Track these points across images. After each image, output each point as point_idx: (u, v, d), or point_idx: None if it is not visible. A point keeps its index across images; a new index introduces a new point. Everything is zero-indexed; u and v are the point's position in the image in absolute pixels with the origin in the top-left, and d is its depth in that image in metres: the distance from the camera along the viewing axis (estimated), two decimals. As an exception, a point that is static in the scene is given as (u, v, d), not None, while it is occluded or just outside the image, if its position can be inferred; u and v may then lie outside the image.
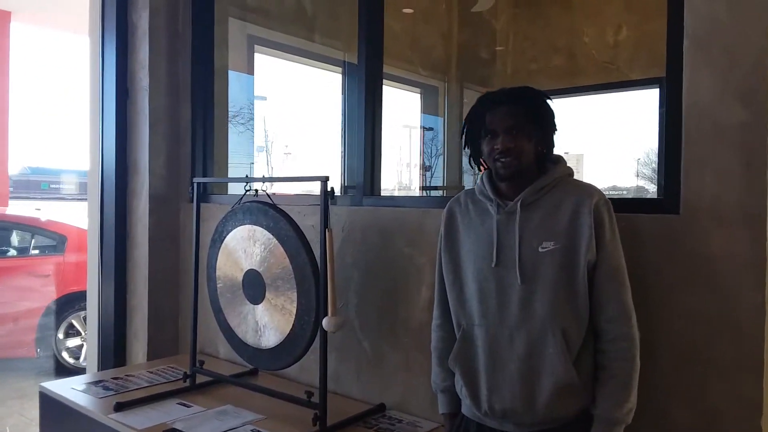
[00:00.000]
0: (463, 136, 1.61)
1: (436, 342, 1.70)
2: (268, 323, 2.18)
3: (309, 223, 2.39)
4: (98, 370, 3.06)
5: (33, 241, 5.12)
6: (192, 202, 2.48)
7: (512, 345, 1.47)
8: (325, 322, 1.92)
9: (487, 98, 1.54)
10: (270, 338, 2.17)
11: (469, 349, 1.55)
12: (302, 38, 4.21)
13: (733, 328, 1.53)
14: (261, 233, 2.17)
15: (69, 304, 4.88)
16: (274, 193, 2.26)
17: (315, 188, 2.04)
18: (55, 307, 4.83)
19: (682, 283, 1.60)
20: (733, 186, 1.52)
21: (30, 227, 5.20)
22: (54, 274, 4.94)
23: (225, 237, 2.31)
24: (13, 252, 5.30)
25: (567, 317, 1.44)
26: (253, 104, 4.10)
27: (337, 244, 2.36)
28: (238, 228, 2.25)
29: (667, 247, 1.62)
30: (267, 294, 2.17)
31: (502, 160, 1.48)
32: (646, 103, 4.90)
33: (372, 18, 2.36)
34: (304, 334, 2.06)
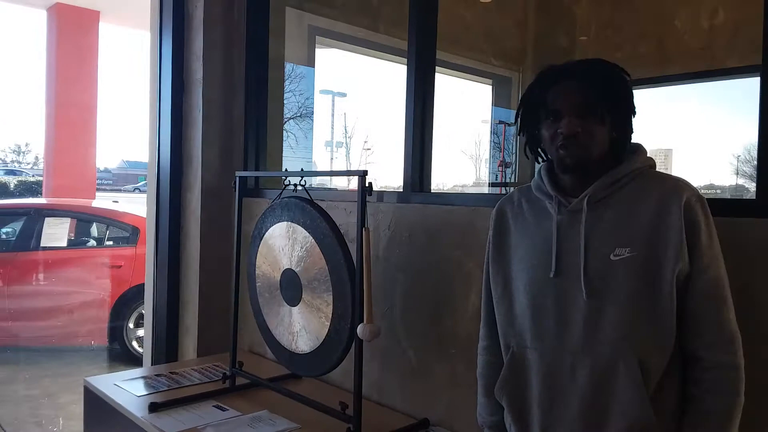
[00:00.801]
0: (518, 118, 1.33)
1: (482, 368, 1.44)
2: (304, 327, 2.04)
3: (353, 220, 2.24)
4: (151, 364, 3.05)
5: (108, 232, 5.30)
6: (236, 196, 2.39)
7: (574, 375, 1.20)
8: (359, 329, 1.76)
9: (550, 71, 1.27)
10: (306, 343, 2.04)
11: (520, 376, 1.29)
12: (366, 28, 4.07)
13: None
14: (298, 231, 2.04)
15: (140, 294, 4.99)
16: (333, 189, 2.13)
17: (388, 183, 1.89)
18: (126, 297, 4.96)
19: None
20: None
21: (107, 219, 5.39)
22: (126, 265, 5.08)
23: (264, 233, 2.20)
24: (92, 243, 5.52)
25: (645, 342, 1.16)
26: (313, 98, 4.01)
27: (382, 243, 2.19)
28: (276, 225, 2.13)
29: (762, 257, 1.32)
30: (303, 296, 2.04)
31: (567, 146, 1.20)
32: (745, 92, 4.41)
33: (424, 2, 2.16)
34: (340, 340, 1.90)
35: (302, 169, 2.11)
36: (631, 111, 1.26)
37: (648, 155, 1.27)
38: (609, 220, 1.20)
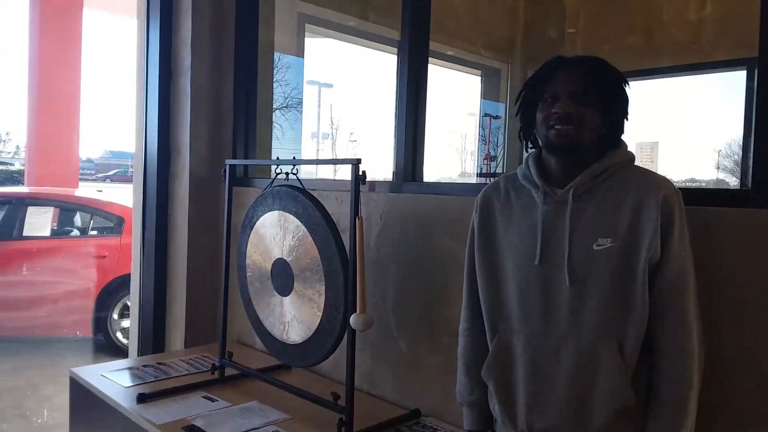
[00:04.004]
0: (519, 102, 1.37)
1: (462, 348, 1.50)
2: (295, 317, 2.03)
3: (346, 210, 2.22)
4: (138, 355, 3.01)
5: (92, 222, 5.22)
6: (225, 185, 2.35)
7: (558, 357, 1.27)
8: (352, 319, 1.74)
9: (555, 61, 1.32)
10: (297, 333, 2.02)
11: (506, 359, 1.35)
12: (355, 17, 4.02)
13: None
14: (290, 220, 2.02)
15: (124, 285, 4.93)
16: (321, 179, 2.10)
17: (377, 173, 1.87)
18: (110, 287, 4.90)
19: (771, 293, 1.32)
20: None
21: (90, 208, 5.31)
22: (111, 255, 5.01)
23: (255, 223, 2.17)
24: (75, 232, 5.43)
25: (624, 327, 1.23)
26: (302, 88, 3.97)
27: (374, 233, 2.17)
28: (267, 214, 2.11)
29: (753, 249, 1.33)
30: (295, 286, 2.02)
31: (558, 126, 1.25)
32: (730, 87, 4.44)
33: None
34: (332, 330, 1.89)
35: (294, 158, 2.09)
36: (625, 114, 1.32)
37: (628, 150, 1.32)
38: (592, 211, 1.26)
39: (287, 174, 2.06)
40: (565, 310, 1.25)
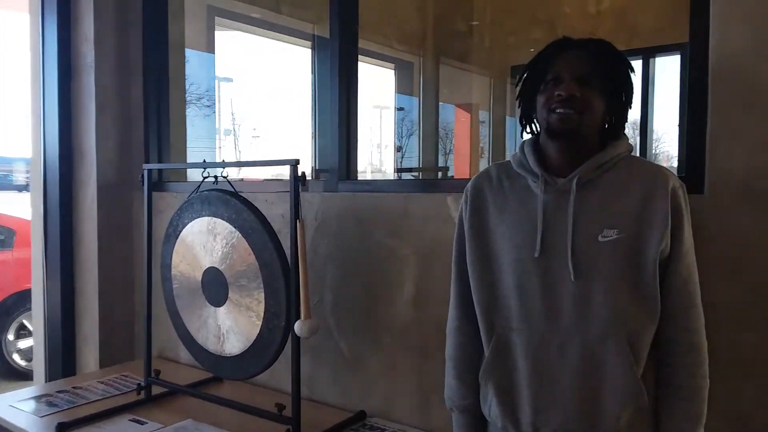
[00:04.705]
0: (520, 84, 1.29)
1: (452, 349, 1.38)
2: (231, 328, 1.92)
3: (277, 212, 2.13)
4: (46, 381, 2.75)
5: (-23, 235, 4.73)
6: (143, 191, 2.18)
7: (564, 355, 1.19)
8: (297, 326, 1.67)
9: (562, 41, 1.24)
10: (234, 345, 1.91)
11: (506, 359, 1.26)
12: (268, 9, 3.89)
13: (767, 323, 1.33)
14: (222, 226, 1.90)
15: (20, 302, 4.52)
16: (241, 180, 1.99)
17: (284, 173, 1.78)
18: (3, 306, 4.47)
19: (706, 273, 1.38)
20: (769, 161, 1.31)
21: (-26, 221, 4.81)
22: (2, 271, 4.57)
23: (180, 231, 2.03)
24: (-43, 248, 4.90)
25: (633, 321, 1.17)
26: (214, 85, 3.79)
27: (309, 234, 2.10)
28: (196, 220, 1.98)
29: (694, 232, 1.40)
30: (230, 294, 1.91)
31: (561, 110, 1.17)
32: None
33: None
34: (273, 339, 1.80)
35: (204, 161, 1.97)
36: (629, 102, 1.26)
37: (629, 141, 1.27)
38: (596, 202, 1.20)
39: (216, 177, 1.95)
40: (569, 305, 1.18)
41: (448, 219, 1.78)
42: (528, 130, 1.32)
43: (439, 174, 5.33)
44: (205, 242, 1.96)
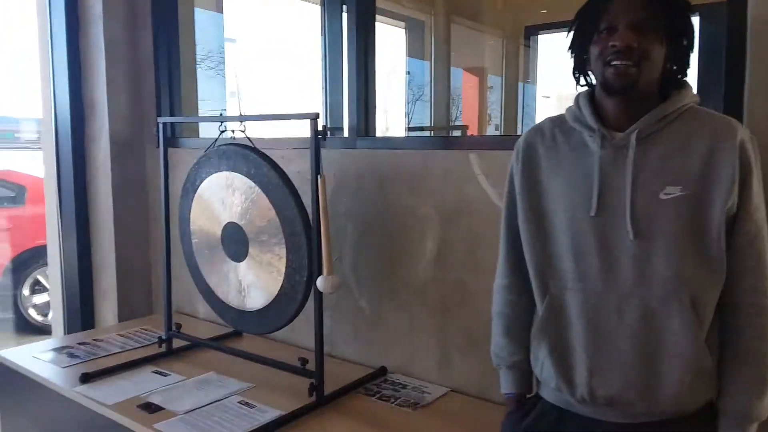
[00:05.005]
0: (571, 33, 1.21)
1: (501, 306, 1.35)
2: (253, 283, 1.93)
3: (294, 168, 2.11)
4: (65, 334, 2.79)
5: (-12, 192, 4.74)
6: (158, 145, 2.17)
7: (622, 316, 1.13)
8: (319, 282, 1.68)
9: None
10: (256, 299, 1.93)
11: (560, 319, 1.21)
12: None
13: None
14: (241, 181, 1.89)
15: (34, 258, 4.55)
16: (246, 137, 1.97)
17: (296, 131, 1.76)
18: (17, 262, 4.50)
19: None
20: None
21: (-15, 177, 4.80)
22: (15, 227, 4.59)
23: (198, 186, 2.02)
24: (-32, 204, 4.91)
25: (697, 281, 1.11)
26: (223, 46, 3.71)
27: (328, 191, 2.08)
28: (214, 175, 1.97)
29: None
30: (250, 250, 1.91)
31: (617, 62, 1.09)
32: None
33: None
34: (295, 295, 1.81)
35: (222, 114, 1.95)
36: (691, 46, 1.17)
37: (693, 91, 1.19)
38: (658, 157, 1.12)
39: (234, 132, 1.93)
40: (628, 265, 1.12)
41: (470, 176, 1.77)
42: (582, 82, 1.24)
43: (452, 133, 5.25)
44: (223, 197, 1.95)
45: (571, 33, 1.22)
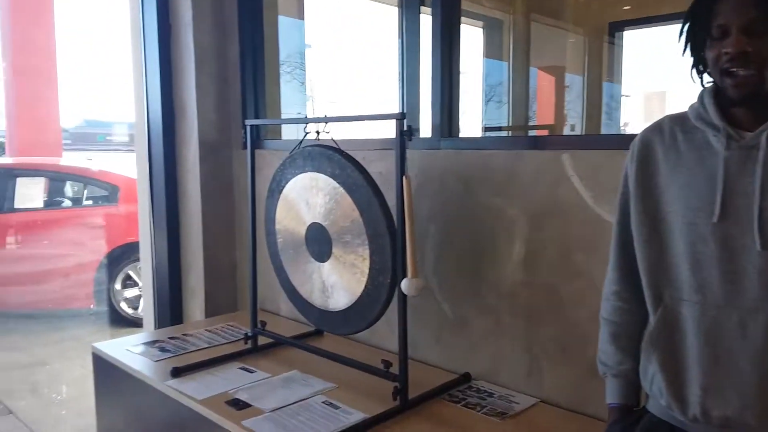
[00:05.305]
0: (683, 35, 1.14)
1: (610, 313, 1.29)
2: (336, 283, 1.94)
3: (376, 169, 2.11)
4: (155, 328, 2.92)
5: (85, 191, 5.04)
6: (245, 147, 2.22)
7: (744, 332, 1.05)
8: (404, 284, 1.66)
9: None
10: (339, 300, 1.93)
11: (674, 332, 1.14)
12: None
13: None
14: (325, 182, 1.91)
15: (125, 254, 4.82)
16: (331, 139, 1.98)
17: (375, 133, 1.75)
18: (111, 257, 4.77)
19: None
20: None
21: (82, 177, 5.12)
22: (108, 225, 4.86)
23: (284, 186, 2.05)
24: (67, 203, 5.25)
25: None
26: (303, 52, 3.77)
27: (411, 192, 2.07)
28: (299, 176, 1.99)
29: None
30: (334, 250, 1.92)
31: (733, 70, 1.03)
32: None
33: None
34: (378, 296, 1.80)
35: (306, 116, 1.97)
36: None
37: None
38: None
39: (318, 133, 1.94)
40: (753, 277, 1.04)
41: (562, 177, 1.70)
42: (704, 80, 1.16)
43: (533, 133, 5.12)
44: (308, 198, 1.97)
45: (684, 34, 1.14)
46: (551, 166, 1.72)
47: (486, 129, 4.74)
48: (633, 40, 4.68)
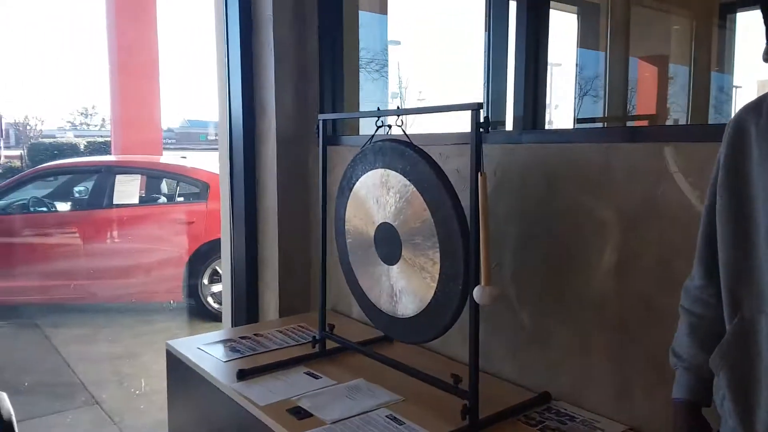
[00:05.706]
0: (765, 18, 1.00)
1: (691, 303, 1.16)
2: (405, 288, 1.80)
3: (452, 166, 1.96)
4: (232, 325, 2.92)
5: (178, 188, 5.22)
6: (318, 143, 2.14)
7: None
8: (476, 292, 1.50)
9: None
10: (407, 306, 1.80)
11: (748, 347, 1.00)
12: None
13: None
14: (395, 179, 1.78)
15: (213, 250, 4.93)
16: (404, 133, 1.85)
17: (454, 127, 1.60)
18: (199, 253, 4.91)
19: None
20: None
21: (176, 175, 5.31)
22: (198, 221, 5.01)
23: (354, 184, 1.95)
24: (163, 199, 5.47)
25: None
26: (386, 48, 3.67)
27: (488, 191, 1.90)
28: (369, 173, 1.87)
29: None
30: (403, 252, 1.79)
31: None
32: None
33: None
34: (449, 304, 1.65)
35: (378, 108, 1.84)
36: None
37: None
38: None
39: (390, 127, 1.82)
40: None
41: (663, 174, 1.47)
42: None
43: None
44: (378, 196, 1.85)
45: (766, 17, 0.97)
46: (651, 160, 1.50)
47: (578, 121, 4.43)
48: (747, 22, 4.21)
